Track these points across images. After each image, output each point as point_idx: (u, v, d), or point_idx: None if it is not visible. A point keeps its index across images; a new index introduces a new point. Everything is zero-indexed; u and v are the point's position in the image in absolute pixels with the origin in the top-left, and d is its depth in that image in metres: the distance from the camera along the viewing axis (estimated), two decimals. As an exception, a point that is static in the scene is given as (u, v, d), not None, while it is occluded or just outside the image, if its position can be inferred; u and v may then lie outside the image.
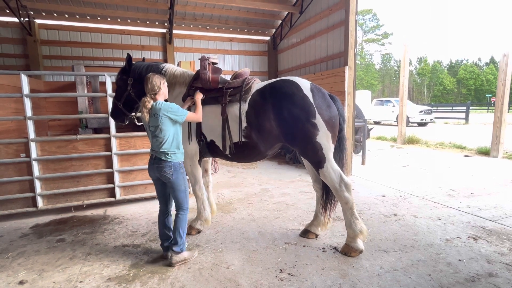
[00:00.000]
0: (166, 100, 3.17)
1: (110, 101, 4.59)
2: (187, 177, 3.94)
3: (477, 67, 64.64)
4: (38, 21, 8.42)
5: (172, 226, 3.20)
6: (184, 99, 3.51)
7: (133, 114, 3.75)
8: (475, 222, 4.05)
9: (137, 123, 3.95)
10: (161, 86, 3.01)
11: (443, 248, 3.34)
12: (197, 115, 3.15)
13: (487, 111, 34.15)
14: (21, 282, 2.85)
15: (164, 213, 3.21)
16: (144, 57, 4.11)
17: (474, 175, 6.61)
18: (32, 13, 8.21)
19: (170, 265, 3.07)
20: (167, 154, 2.93)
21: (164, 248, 3.24)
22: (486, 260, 3.09)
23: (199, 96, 3.32)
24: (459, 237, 3.61)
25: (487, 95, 44.53)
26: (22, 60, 8.35)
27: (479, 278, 2.78)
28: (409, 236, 3.67)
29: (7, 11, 7.45)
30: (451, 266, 2.98)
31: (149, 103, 2.92)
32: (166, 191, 3.17)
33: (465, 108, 22.00)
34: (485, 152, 8.94)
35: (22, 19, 7.74)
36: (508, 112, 8.65)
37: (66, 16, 8.59)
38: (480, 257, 3.15)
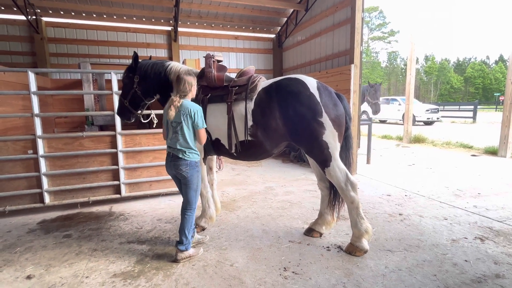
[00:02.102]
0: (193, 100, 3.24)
1: (116, 99, 4.62)
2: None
3: (485, 65, 63.89)
4: (45, 19, 8.48)
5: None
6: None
7: (139, 112, 3.77)
8: (482, 223, 4.01)
9: (143, 121, 3.97)
10: (192, 89, 3.08)
11: (449, 249, 3.32)
12: (204, 137, 3.13)
13: (495, 110, 33.80)
14: (28, 277, 2.89)
15: None
16: (151, 55, 4.13)
17: (481, 175, 6.55)
18: (39, 11, 8.27)
19: (176, 261, 3.10)
20: (185, 152, 2.99)
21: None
22: (493, 261, 3.07)
23: None
24: (465, 238, 3.58)
25: (495, 94, 44.08)
26: (29, 57, 8.42)
27: (486, 279, 2.76)
28: (414, 236, 3.65)
29: (15, 9, 7.52)
30: (457, 267, 2.96)
31: (179, 102, 2.97)
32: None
33: (472, 107, 21.82)
34: (492, 152, 8.85)
35: (29, 17, 7.80)
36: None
37: (73, 14, 8.64)
38: (487, 258, 3.12)
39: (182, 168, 3.00)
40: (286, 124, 3.16)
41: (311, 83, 3.20)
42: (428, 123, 19.52)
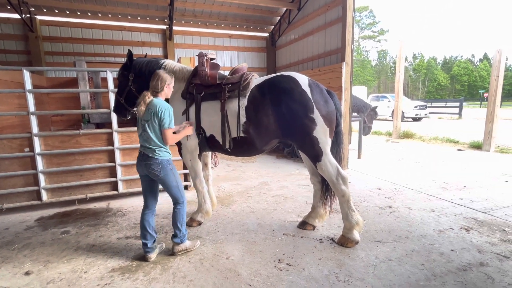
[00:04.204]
0: (167, 100, 3.20)
1: (111, 97, 4.65)
2: (187, 171, 3.98)
3: (471, 63, 65.19)
4: (39, 17, 8.44)
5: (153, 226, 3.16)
6: (183, 95, 3.54)
7: (134, 109, 3.79)
8: (467, 214, 4.15)
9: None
10: (165, 88, 3.00)
11: (436, 239, 3.43)
12: (172, 139, 2.99)
13: (480, 107, 34.57)
14: (27, 273, 2.90)
15: (149, 210, 3.11)
16: (146, 53, 4.17)
17: (467, 168, 6.73)
18: (33, 9, 8.22)
19: (173, 254, 3.15)
20: (154, 151, 2.91)
21: (147, 249, 3.08)
22: (478, 250, 3.18)
23: (187, 131, 3.29)
24: (451, 228, 3.70)
25: (480, 91, 45.07)
26: (24, 56, 8.37)
27: (471, 267, 2.87)
28: (403, 227, 3.75)
29: (9, 7, 7.47)
30: (443, 256, 3.07)
31: (149, 98, 2.92)
32: (153, 188, 3.11)
33: (458, 103, 22.30)
34: (477, 146, 9.09)
35: (23, 15, 7.75)
36: (500, 107, 8.74)
37: (67, 12, 8.61)
38: (471, 247, 3.23)
39: (153, 167, 2.90)
40: (279, 120, 3.22)
41: (303, 80, 3.26)
42: (416, 119, 19.86)
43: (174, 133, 3.07)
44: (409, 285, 2.62)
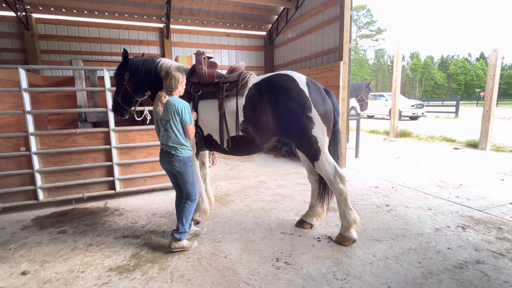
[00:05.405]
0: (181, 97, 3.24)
1: (108, 95, 4.64)
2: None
3: (467, 62, 65.69)
4: (35, 15, 8.35)
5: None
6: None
7: (132, 108, 3.78)
8: (463, 212, 4.17)
9: (136, 118, 4.00)
10: (178, 86, 3.07)
11: (432, 237, 3.45)
12: (193, 132, 3.16)
13: (476, 105, 34.81)
14: (23, 273, 2.89)
15: (180, 198, 3.30)
16: (144, 52, 4.14)
17: (463, 167, 6.77)
18: (29, 7, 8.13)
19: (169, 248, 3.18)
20: (177, 148, 3.03)
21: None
22: (474, 248, 3.20)
23: (193, 117, 3.35)
24: (448, 226, 3.73)
25: (476, 90, 45.44)
26: (20, 54, 8.29)
27: (467, 265, 2.89)
28: (400, 225, 3.77)
29: (4, 5, 7.40)
30: (440, 254, 3.08)
31: (165, 98, 2.98)
32: (178, 181, 3.25)
33: (455, 102, 22.39)
34: (473, 145, 9.14)
35: (19, 13, 7.67)
36: (497, 106, 8.79)
37: (63, 10, 8.51)
38: (468, 245, 3.25)
39: (175, 164, 3.04)
40: (277, 119, 3.22)
41: (301, 79, 3.26)
42: (413, 118, 19.90)
43: None
44: (406, 283, 2.63)
